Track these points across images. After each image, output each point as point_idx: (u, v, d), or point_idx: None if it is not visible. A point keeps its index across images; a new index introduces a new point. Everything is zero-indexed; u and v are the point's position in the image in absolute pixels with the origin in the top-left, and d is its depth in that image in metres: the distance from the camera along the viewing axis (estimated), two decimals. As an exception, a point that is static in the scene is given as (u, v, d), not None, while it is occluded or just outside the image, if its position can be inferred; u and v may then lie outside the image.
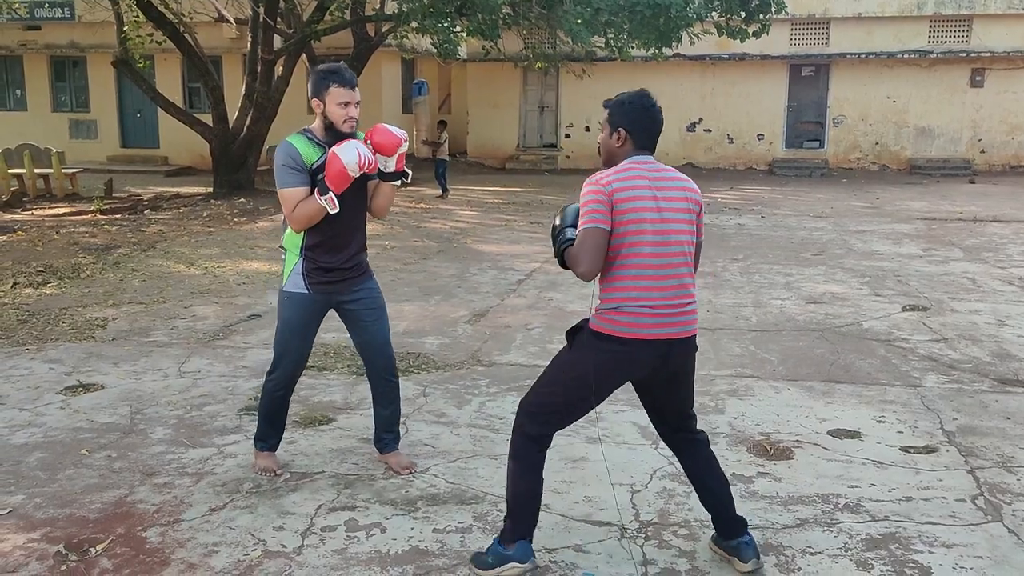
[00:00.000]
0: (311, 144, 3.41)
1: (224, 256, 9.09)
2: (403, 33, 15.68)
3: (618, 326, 2.73)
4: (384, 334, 3.66)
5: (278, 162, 3.39)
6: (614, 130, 2.85)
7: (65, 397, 4.67)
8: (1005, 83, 19.36)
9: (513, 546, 2.85)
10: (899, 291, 7.38)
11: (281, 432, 3.75)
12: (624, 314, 2.72)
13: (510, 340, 5.83)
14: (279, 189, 3.40)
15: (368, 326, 3.61)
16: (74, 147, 19.83)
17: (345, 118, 3.36)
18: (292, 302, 3.51)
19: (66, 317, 6.41)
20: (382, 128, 3.40)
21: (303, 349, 3.61)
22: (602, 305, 2.78)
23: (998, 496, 3.48)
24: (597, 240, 2.70)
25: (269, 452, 3.72)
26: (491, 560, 2.87)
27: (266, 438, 3.72)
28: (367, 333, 3.62)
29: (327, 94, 3.35)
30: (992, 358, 5.40)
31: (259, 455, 3.72)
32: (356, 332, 3.65)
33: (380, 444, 3.77)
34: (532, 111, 21.56)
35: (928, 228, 11.24)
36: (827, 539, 3.13)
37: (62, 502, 3.42)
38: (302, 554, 3.03)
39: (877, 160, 20.15)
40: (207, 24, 17.23)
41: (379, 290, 3.68)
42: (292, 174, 3.36)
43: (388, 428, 3.74)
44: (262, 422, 3.70)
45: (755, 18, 13.95)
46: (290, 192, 3.37)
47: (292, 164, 3.36)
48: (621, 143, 2.85)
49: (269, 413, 3.67)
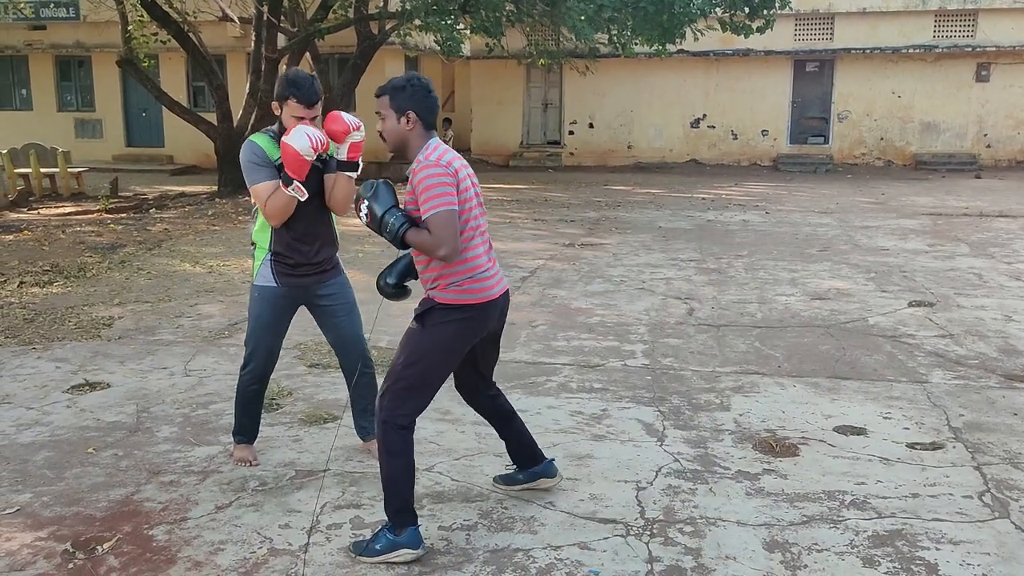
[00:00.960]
0: (273, 142, 3.46)
1: (229, 254, 9.11)
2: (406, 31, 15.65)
3: (472, 294, 2.97)
4: (355, 329, 3.70)
5: (244, 160, 3.44)
6: (401, 115, 2.96)
7: (71, 396, 4.68)
8: (1011, 77, 19.27)
9: (404, 531, 2.94)
10: (905, 287, 7.36)
11: (257, 424, 3.80)
12: (476, 281, 2.98)
13: (515, 337, 5.82)
14: (250, 186, 3.45)
15: (339, 322, 3.66)
16: (79, 146, 19.87)
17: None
18: (262, 296, 3.57)
19: (72, 316, 6.42)
20: (334, 115, 3.42)
21: (274, 344, 3.66)
22: (451, 280, 2.95)
23: (1005, 492, 3.47)
24: (455, 221, 2.88)
25: (247, 444, 3.79)
26: (379, 547, 2.94)
27: (243, 431, 3.77)
28: (339, 329, 3.67)
29: (286, 104, 3.39)
30: (999, 354, 5.38)
31: (237, 447, 3.80)
32: (328, 328, 3.71)
33: (362, 432, 3.83)
34: (536, 108, 21.53)
35: (934, 224, 11.19)
36: (833, 536, 3.13)
37: (69, 500, 3.43)
38: (308, 552, 3.04)
39: (882, 156, 20.08)
40: (211, 23, 17.24)
41: (349, 286, 3.73)
42: (258, 169, 3.41)
43: (367, 416, 3.77)
44: (239, 415, 3.75)
45: (759, 14, 13.91)
46: (260, 187, 3.41)
47: (257, 160, 3.42)
48: (411, 126, 2.97)
49: (244, 407, 3.72)
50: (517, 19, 13.98)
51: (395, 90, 2.96)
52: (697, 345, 5.62)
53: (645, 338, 5.76)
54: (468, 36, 16.28)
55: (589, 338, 5.77)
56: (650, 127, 20.97)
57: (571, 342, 5.69)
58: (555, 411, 4.41)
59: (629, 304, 6.71)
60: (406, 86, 2.96)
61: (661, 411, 4.41)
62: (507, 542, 3.09)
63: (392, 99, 2.95)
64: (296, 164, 3.30)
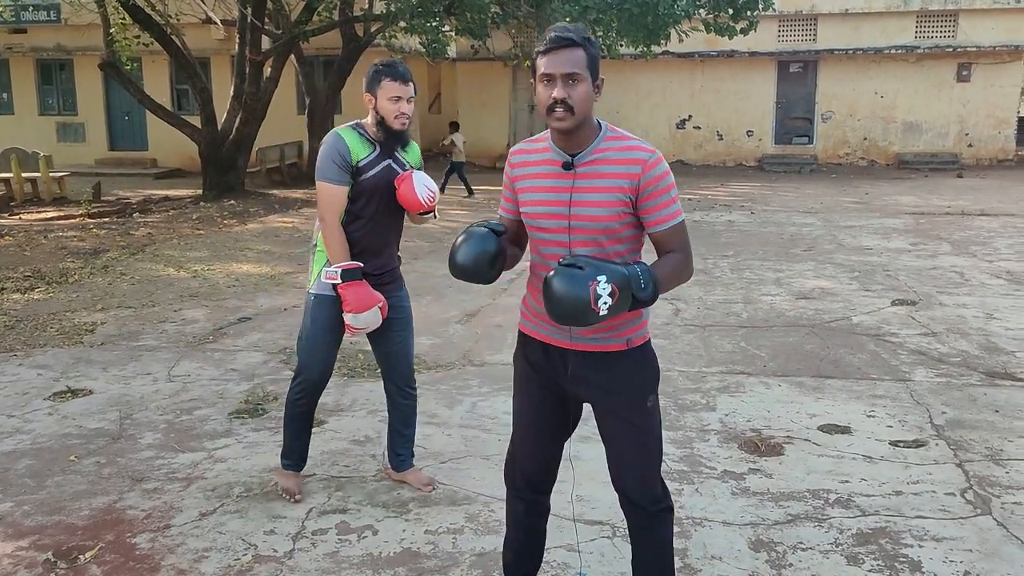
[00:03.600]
0: (362, 140, 3.24)
1: (214, 259, 9.06)
2: (392, 33, 15.65)
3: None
4: (408, 347, 3.51)
5: (324, 154, 3.20)
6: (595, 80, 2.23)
7: (53, 403, 4.64)
8: (991, 77, 19.46)
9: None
10: (888, 286, 7.41)
11: (306, 448, 3.52)
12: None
13: (502, 340, 5.82)
14: (318, 180, 3.22)
15: (393, 337, 3.43)
16: (62, 150, 19.74)
17: (396, 113, 3.20)
18: (319, 305, 3.31)
19: (54, 322, 6.37)
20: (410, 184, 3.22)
21: (329, 357, 3.40)
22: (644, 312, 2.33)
23: (987, 489, 3.49)
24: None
25: (293, 472, 3.51)
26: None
27: (290, 455, 3.50)
28: (392, 344, 3.45)
29: (379, 88, 3.19)
30: (980, 351, 5.43)
31: (281, 473, 3.53)
32: (380, 343, 3.45)
33: (396, 461, 3.60)
34: (522, 110, 21.54)
35: (916, 223, 11.28)
36: (818, 534, 3.14)
37: (51, 509, 3.39)
38: (293, 558, 3.02)
39: (865, 155, 20.22)
40: (195, 25, 17.16)
41: (408, 300, 3.53)
42: (334, 169, 3.19)
43: (406, 444, 3.59)
44: (286, 435, 3.50)
45: (743, 15, 13.98)
46: (329, 188, 3.20)
47: (337, 160, 3.19)
48: (598, 96, 2.28)
49: (292, 425, 3.47)
50: (502, 21, 13.99)
51: (592, 44, 2.21)
52: (683, 345, 5.63)
53: (631, 339, 5.77)
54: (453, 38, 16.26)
55: (575, 339, 5.77)
56: (636, 128, 21.00)
57: (557, 344, 5.69)
58: (541, 413, 4.41)
59: (615, 305, 6.71)
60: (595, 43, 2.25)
61: (647, 412, 4.41)
62: (493, 545, 3.08)
63: (591, 58, 2.19)
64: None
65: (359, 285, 3.19)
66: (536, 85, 2.21)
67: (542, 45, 2.19)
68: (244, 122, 14.61)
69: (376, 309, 3.21)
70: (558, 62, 2.15)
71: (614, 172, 2.21)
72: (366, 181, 3.23)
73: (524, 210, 2.33)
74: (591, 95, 2.19)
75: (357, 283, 3.19)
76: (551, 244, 2.28)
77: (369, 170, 3.23)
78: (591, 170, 2.22)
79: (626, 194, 2.19)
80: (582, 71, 2.16)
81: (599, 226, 2.21)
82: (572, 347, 2.29)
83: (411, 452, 3.62)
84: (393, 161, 3.30)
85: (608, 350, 2.27)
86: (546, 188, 2.27)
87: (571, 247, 2.23)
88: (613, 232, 2.22)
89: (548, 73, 2.16)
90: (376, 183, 3.25)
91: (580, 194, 2.22)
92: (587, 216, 2.21)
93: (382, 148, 3.27)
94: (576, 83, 2.16)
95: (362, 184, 3.23)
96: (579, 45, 2.16)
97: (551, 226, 2.26)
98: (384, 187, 3.26)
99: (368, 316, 3.19)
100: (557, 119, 2.17)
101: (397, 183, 3.27)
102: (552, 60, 2.16)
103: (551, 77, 2.16)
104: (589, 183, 2.22)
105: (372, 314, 3.20)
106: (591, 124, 2.25)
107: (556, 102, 2.15)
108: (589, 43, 2.19)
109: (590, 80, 2.18)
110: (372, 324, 3.23)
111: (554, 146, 2.28)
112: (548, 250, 2.29)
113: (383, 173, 3.26)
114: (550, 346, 2.34)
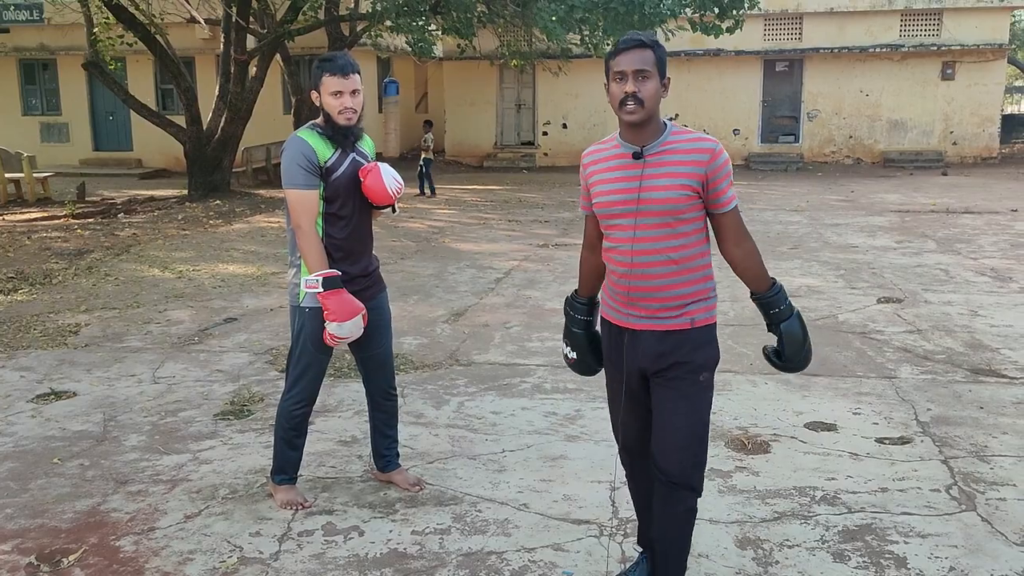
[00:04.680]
0: (323, 140, 3.16)
1: (199, 259, 9.00)
2: (377, 32, 15.60)
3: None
4: (389, 348, 3.48)
5: (288, 160, 3.11)
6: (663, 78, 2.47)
7: (36, 405, 4.59)
8: (975, 76, 19.61)
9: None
10: (874, 283, 7.45)
11: (301, 456, 3.44)
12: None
13: (488, 339, 5.81)
14: (287, 188, 3.12)
15: (374, 340, 3.38)
16: (45, 151, 19.58)
17: (340, 108, 3.11)
18: (314, 318, 3.19)
19: (37, 324, 6.31)
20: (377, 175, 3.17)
21: (324, 365, 3.37)
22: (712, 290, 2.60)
23: (972, 485, 3.52)
24: None
25: (291, 484, 3.42)
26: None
27: (284, 469, 3.40)
28: (375, 348, 3.41)
29: (321, 85, 3.12)
30: (965, 348, 5.47)
31: (280, 490, 3.40)
32: (363, 347, 3.39)
33: (382, 463, 3.57)
34: (509, 109, 21.54)
35: (902, 220, 11.35)
36: (804, 532, 3.15)
37: (33, 512, 3.36)
38: (279, 560, 3.00)
39: (851, 153, 20.34)
40: (179, 25, 17.05)
41: (388, 301, 3.50)
42: (302, 174, 3.10)
43: (390, 445, 3.57)
44: (280, 449, 3.37)
45: (728, 14, 14.02)
46: (300, 194, 3.11)
47: (304, 164, 3.10)
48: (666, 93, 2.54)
49: (289, 437, 3.36)
50: (488, 20, 13.97)
51: (660, 47, 2.44)
52: (670, 344, 5.63)
53: (618, 338, 5.77)
54: (440, 37, 16.24)
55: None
56: (623, 127, 21.05)
57: (545, 343, 5.69)
58: (529, 412, 4.41)
59: (602, 304, 6.71)
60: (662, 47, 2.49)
61: (634, 410, 4.42)
62: (480, 545, 3.07)
63: (659, 58, 2.41)
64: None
65: (340, 293, 3.13)
66: (609, 84, 2.44)
67: (615, 48, 2.44)
68: (229, 122, 14.53)
69: (359, 318, 3.16)
70: (629, 60, 2.38)
71: (683, 160, 2.41)
72: (338, 180, 3.17)
73: (596, 200, 2.52)
74: (659, 91, 2.41)
75: (338, 291, 3.13)
76: (618, 228, 2.48)
77: (337, 168, 3.17)
78: (661, 159, 2.43)
79: (695, 179, 2.41)
80: (651, 69, 2.39)
81: (668, 207, 2.41)
82: (643, 328, 2.49)
83: (396, 453, 3.60)
84: (356, 154, 3.25)
85: (673, 329, 2.47)
86: (616, 178, 2.47)
87: (636, 230, 2.44)
88: (680, 213, 2.42)
89: (621, 71, 2.39)
90: (348, 180, 3.19)
91: (649, 180, 2.42)
92: (656, 199, 2.41)
93: (340, 145, 3.19)
94: (646, 79, 2.38)
95: (335, 184, 3.16)
96: (648, 47, 2.40)
97: (619, 211, 2.46)
98: (358, 183, 3.21)
99: (351, 325, 3.13)
100: (628, 112, 2.38)
101: (362, 175, 3.20)
102: (624, 59, 2.39)
103: (623, 74, 2.39)
104: (658, 170, 2.42)
105: (355, 323, 3.14)
106: (658, 121, 2.46)
107: (628, 96, 2.37)
108: (657, 46, 2.43)
109: (658, 78, 2.41)
110: (355, 334, 3.17)
111: (623, 141, 2.49)
112: (616, 234, 2.49)
113: (352, 168, 3.21)
114: (623, 328, 2.54)
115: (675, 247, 2.43)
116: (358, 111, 3.18)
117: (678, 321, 2.46)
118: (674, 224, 2.43)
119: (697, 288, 2.48)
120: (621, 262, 2.47)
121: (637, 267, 2.44)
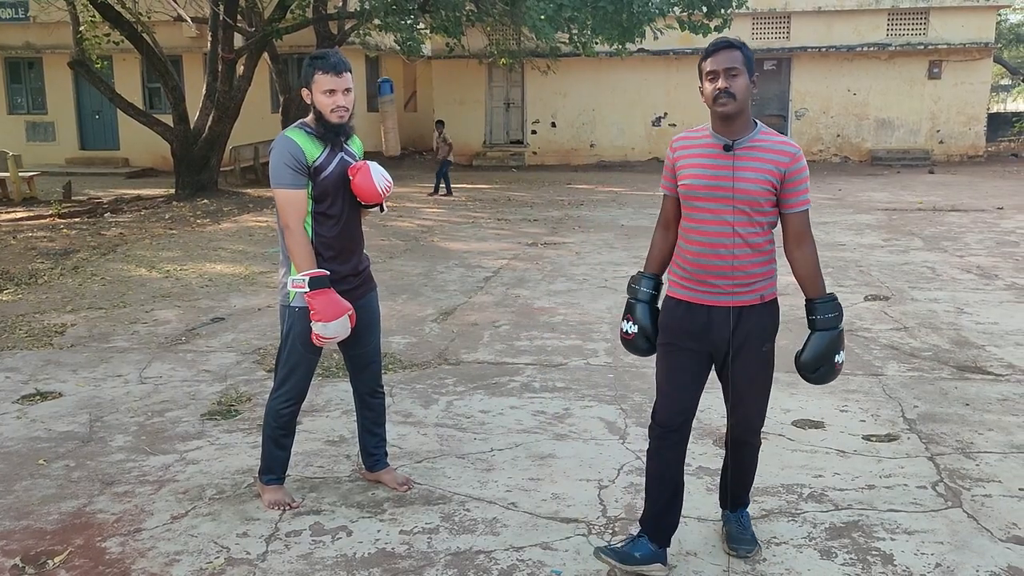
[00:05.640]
0: (311, 139, 3.14)
1: (186, 259, 8.96)
2: (366, 31, 15.56)
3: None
4: (378, 347, 3.46)
5: (276, 160, 3.10)
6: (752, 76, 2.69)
7: (22, 406, 4.56)
8: (962, 74, 19.74)
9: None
10: (861, 281, 7.49)
11: (289, 456, 3.42)
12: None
13: (477, 338, 5.81)
14: (275, 188, 3.11)
15: (363, 338, 3.36)
16: (31, 150, 19.45)
17: (332, 107, 3.10)
18: (304, 316, 3.17)
19: (23, 324, 6.26)
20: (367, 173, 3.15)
21: (314, 364, 3.36)
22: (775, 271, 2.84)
23: (958, 482, 3.54)
24: None
25: (278, 484, 3.40)
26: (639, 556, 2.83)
27: (272, 469, 3.37)
28: (364, 347, 3.40)
29: (313, 83, 3.10)
30: (951, 346, 5.50)
31: (268, 490, 3.38)
32: (352, 346, 3.38)
33: (371, 462, 3.56)
34: (498, 107, 21.54)
35: (889, 218, 11.41)
36: (792, 529, 3.16)
37: (18, 514, 3.33)
38: (266, 560, 2.99)
39: (839, 152, 20.44)
40: (166, 23, 16.96)
41: (378, 300, 3.49)
42: (290, 174, 3.09)
43: (378, 444, 3.56)
44: (268, 449, 3.36)
45: (716, 13, 14.06)
46: (288, 193, 3.09)
47: (291, 164, 3.09)
48: (755, 90, 2.81)
49: (277, 436, 3.34)
50: (477, 19, 13.96)
51: (746, 48, 2.68)
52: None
53: (608, 336, 5.78)
54: (428, 36, 16.21)
55: (552, 337, 5.78)
56: (612, 126, 21.10)
57: (534, 341, 5.69)
58: (518, 411, 4.40)
59: (592, 303, 6.73)
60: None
61: (623, 409, 4.43)
62: (469, 544, 3.07)
63: (747, 58, 2.65)
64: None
65: (327, 293, 3.12)
66: (703, 84, 2.68)
67: (706, 51, 2.68)
68: (217, 121, 14.46)
69: (346, 318, 3.14)
70: (720, 60, 2.63)
71: (768, 158, 2.67)
72: (326, 180, 3.16)
73: (683, 183, 2.74)
74: (748, 87, 2.65)
75: (325, 291, 3.11)
76: (702, 211, 2.70)
77: (326, 168, 3.16)
78: (749, 154, 2.66)
79: (775, 177, 2.67)
80: (740, 67, 2.63)
81: (750, 198, 2.66)
82: (716, 304, 2.73)
83: (384, 452, 3.60)
84: (345, 153, 3.24)
85: (744, 304, 2.72)
86: (707, 166, 2.69)
87: (721, 214, 2.67)
88: (760, 206, 2.68)
89: (713, 70, 2.64)
90: (337, 179, 3.18)
91: (741, 172, 2.65)
92: (746, 191, 2.65)
93: (330, 143, 3.18)
94: (736, 76, 2.62)
95: (323, 183, 3.15)
96: (736, 48, 2.65)
97: (706, 195, 2.68)
98: (346, 182, 3.20)
99: (337, 325, 3.11)
100: (721, 105, 2.62)
101: (351, 173, 3.19)
102: (716, 59, 2.64)
103: (715, 73, 2.63)
104: (748, 164, 2.66)
105: (341, 323, 3.13)
106: (749, 119, 2.70)
107: (720, 91, 2.62)
108: (744, 47, 2.67)
109: (747, 75, 2.64)
110: (341, 334, 3.16)
111: (714, 133, 2.72)
112: (699, 215, 2.71)
113: (340, 167, 3.20)
114: (697, 305, 2.76)
115: (752, 233, 2.69)
116: (350, 109, 3.18)
117: (749, 298, 2.73)
118: (752, 214, 2.67)
119: (766, 269, 2.74)
120: (702, 242, 2.70)
121: (719, 247, 2.68)
